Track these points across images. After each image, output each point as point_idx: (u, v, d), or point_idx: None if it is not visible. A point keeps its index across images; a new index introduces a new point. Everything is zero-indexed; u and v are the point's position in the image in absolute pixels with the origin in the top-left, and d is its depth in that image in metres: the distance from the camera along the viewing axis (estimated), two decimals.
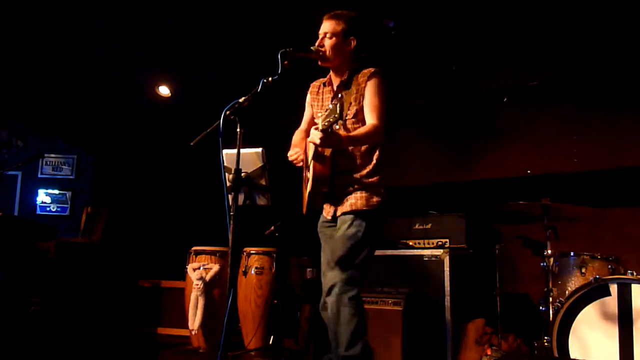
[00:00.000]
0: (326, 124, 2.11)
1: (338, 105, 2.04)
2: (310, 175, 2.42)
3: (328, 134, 2.15)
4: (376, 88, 2.39)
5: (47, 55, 4.58)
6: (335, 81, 2.53)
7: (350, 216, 2.38)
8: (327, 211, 2.54)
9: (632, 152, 3.85)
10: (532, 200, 3.00)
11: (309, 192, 2.43)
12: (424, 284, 3.39)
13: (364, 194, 2.40)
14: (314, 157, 2.36)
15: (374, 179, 2.44)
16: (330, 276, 2.34)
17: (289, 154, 2.56)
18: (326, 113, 2.13)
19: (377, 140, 2.40)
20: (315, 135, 2.17)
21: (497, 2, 3.48)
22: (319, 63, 2.45)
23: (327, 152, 2.36)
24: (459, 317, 3.40)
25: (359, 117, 2.42)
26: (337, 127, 2.18)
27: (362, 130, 2.36)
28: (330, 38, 2.40)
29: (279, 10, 3.76)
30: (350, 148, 2.43)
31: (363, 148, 2.44)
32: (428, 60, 4.28)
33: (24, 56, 4.62)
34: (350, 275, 2.31)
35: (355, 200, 2.40)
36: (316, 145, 2.24)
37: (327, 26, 2.42)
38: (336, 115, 2.05)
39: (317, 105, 2.62)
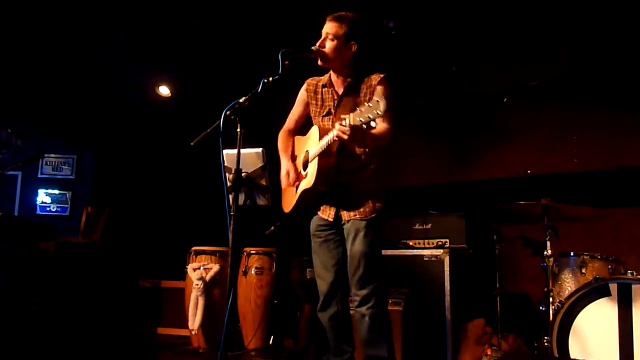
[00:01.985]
0: (362, 119, 2.03)
1: (381, 103, 2.00)
2: (311, 171, 2.39)
3: (361, 130, 2.08)
4: (387, 93, 2.39)
5: (48, 55, 4.58)
6: (338, 83, 2.53)
7: (362, 223, 2.39)
8: (327, 213, 2.52)
9: (632, 152, 3.85)
10: (532, 200, 3.01)
11: (306, 189, 2.40)
12: (424, 284, 3.39)
13: (369, 199, 2.42)
14: (320, 153, 2.34)
15: (377, 182, 2.46)
16: (360, 286, 2.37)
17: (282, 179, 2.55)
18: (365, 107, 2.06)
19: (388, 142, 2.40)
20: (344, 131, 2.11)
21: (497, 2, 3.48)
22: (319, 63, 2.45)
23: (334, 148, 2.35)
24: (459, 317, 3.40)
25: None
26: (374, 124, 2.12)
27: (378, 130, 2.34)
28: (332, 40, 2.40)
29: (280, 10, 3.76)
30: (355, 149, 2.43)
31: (367, 150, 2.44)
32: (428, 60, 4.28)
33: (25, 56, 4.62)
34: (381, 283, 2.39)
35: (363, 207, 2.41)
36: (342, 140, 2.16)
37: (329, 27, 2.42)
38: (379, 112, 2.00)
39: (314, 104, 2.61)
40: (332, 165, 2.36)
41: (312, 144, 2.46)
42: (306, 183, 2.43)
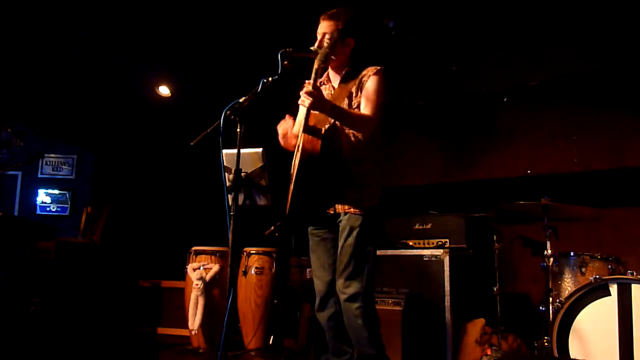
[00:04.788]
0: (322, 58, 2.20)
1: (335, 36, 2.16)
2: (298, 154, 2.33)
3: (318, 89, 2.16)
4: (377, 84, 2.39)
5: (47, 55, 4.58)
6: (335, 79, 2.53)
7: (358, 220, 2.36)
8: (329, 209, 2.51)
9: (633, 152, 3.85)
10: (532, 200, 3.00)
11: (295, 177, 2.32)
12: (424, 284, 3.39)
13: (365, 195, 2.39)
14: (304, 130, 2.28)
15: (375, 175, 2.44)
16: (347, 284, 2.34)
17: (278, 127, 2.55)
18: (320, 50, 2.23)
19: (365, 130, 2.37)
20: (306, 92, 2.18)
21: (497, 2, 3.48)
22: None
23: (320, 125, 2.32)
24: (459, 317, 3.40)
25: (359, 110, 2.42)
26: (333, 57, 2.33)
27: (353, 111, 2.37)
28: (330, 40, 2.40)
29: (279, 10, 3.76)
30: (351, 134, 2.40)
31: (362, 143, 2.41)
32: (428, 60, 4.28)
33: (24, 56, 4.62)
34: (370, 282, 2.35)
35: (358, 201, 2.38)
36: (305, 102, 2.19)
37: (325, 27, 2.42)
38: (333, 43, 2.19)
39: None
40: (318, 144, 2.26)
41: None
42: (295, 168, 2.34)
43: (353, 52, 2.46)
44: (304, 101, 2.19)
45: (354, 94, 2.43)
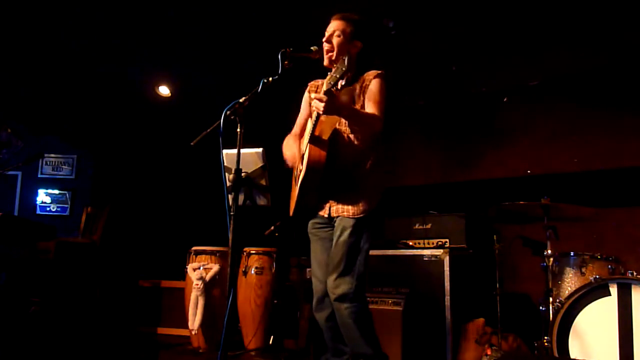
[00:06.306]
0: (331, 82, 2.10)
1: (346, 60, 2.03)
2: (304, 162, 2.35)
3: (332, 93, 2.12)
4: (379, 87, 2.41)
5: (47, 55, 4.58)
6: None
7: (350, 221, 2.37)
8: (325, 210, 2.51)
9: (632, 152, 3.85)
10: (532, 200, 3.00)
11: (301, 184, 2.36)
12: (424, 284, 3.39)
13: (362, 199, 2.39)
14: (310, 141, 2.30)
15: (373, 179, 2.44)
16: (337, 284, 2.33)
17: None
18: (332, 72, 2.12)
19: (374, 129, 2.38)
20: (319, 98, 2.13)
21: (497, 2, 3.48)
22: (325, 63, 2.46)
23: (325, 135, 2.32)
24: (459, 317, 3.40)
25: None
26: (343, 82, 2.26)
27: (364, 111, 2.37)
28: (339, 37, 2.42)
29: (279, 10, 3.76)
30: (350, 139, 2.41)
31: (363, 145, 2.42)
32: (428, 60, 4.28)
33: (24, 56, 4.62)
34: (360, 282, 2.34)
35: (355, 205, 2.38)
36: (319, 107, 2.15)
37: (335, 25, 2.44)
38: (343, 69, 2.04)
39: None
40: (324, 156, 2.29)
41: (306, 138, 2.46)
42: (300, 177, 2.38)
43: (358, 55, 2.46)
44: (319, 107, 2.15)
45: (356, 99, 2.44)
